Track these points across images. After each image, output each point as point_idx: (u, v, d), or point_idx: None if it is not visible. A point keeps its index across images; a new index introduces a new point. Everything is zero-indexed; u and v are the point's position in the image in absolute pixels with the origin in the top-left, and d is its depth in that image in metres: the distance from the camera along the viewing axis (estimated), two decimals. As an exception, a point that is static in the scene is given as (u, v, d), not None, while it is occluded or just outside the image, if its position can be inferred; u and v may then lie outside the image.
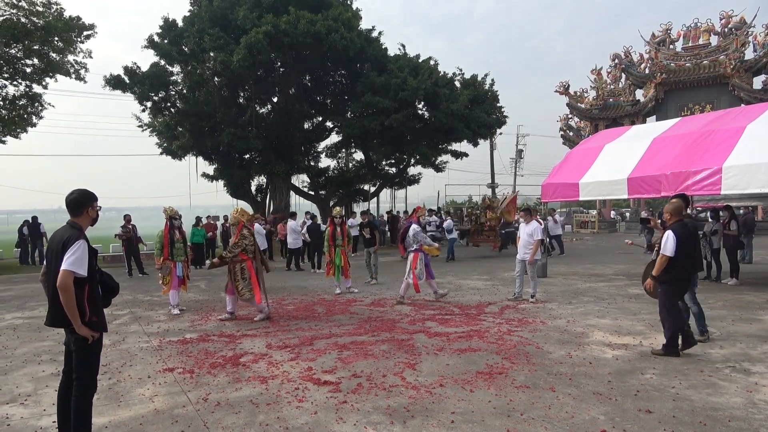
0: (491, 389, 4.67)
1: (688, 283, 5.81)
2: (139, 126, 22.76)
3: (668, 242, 5.59)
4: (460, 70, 24.25)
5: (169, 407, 4.41)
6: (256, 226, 15.23)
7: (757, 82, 31.39)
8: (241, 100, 23.02)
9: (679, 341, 5.64)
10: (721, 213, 11.36)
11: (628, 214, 38.75)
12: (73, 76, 18.21)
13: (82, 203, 3.48)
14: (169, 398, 4.62)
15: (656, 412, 4.10)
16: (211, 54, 19.55)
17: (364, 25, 22.19)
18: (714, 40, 32.26)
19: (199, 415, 4.23)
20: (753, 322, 7.26)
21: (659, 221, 7.76)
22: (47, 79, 18.02)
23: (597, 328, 6.94)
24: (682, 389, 4.61)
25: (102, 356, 5.04)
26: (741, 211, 14.94)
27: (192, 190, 23.72)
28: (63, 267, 3.21)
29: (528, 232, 9.14)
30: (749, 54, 31.11)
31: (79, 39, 17.80)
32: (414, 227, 9.36)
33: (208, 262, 7.10)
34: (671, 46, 33.43)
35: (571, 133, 36.86)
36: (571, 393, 4.55)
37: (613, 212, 37.95)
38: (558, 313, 8.05)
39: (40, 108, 18.31)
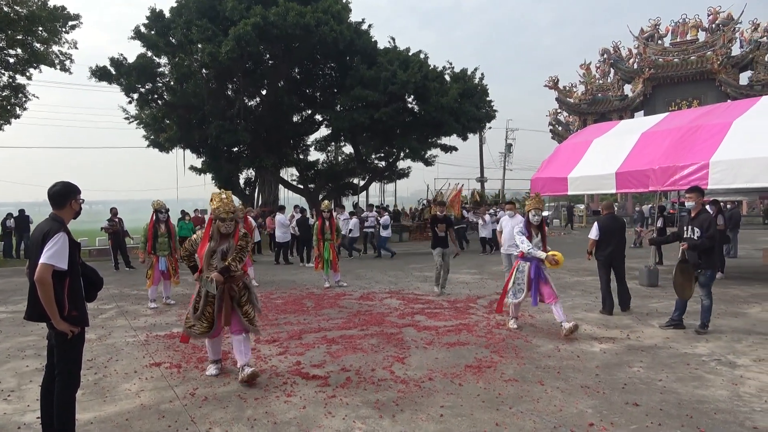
0: (480, 383, 4.68)
1: (610, 261, 7.55)
2: (125, 118, 22.50)
3: (593, 229, 7.71)
4: (450, 63, 24.17)
5: (155, 402, 4.36)
6: (279, 216, 15.06)
7: (744, 78, 31.74)
8: (229, 93, 22.78)
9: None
10: (707, 207, 11.46)
11: (616, 208, 39.11)
12: (58, 66, 17.92)
13: (65, 195, 3.43)
14: (155, 393, 4.57)
15: (643, 405, 4.13)
16: (199, 45, 19.30)
17: (353, 17, 22.05)
18: (702, 36, 32.56)
19: (186, 409, 4.19)
20: (738, 315, 7.35)
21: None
22: (31, 70, 17.72)
23: (585, 322, 6.98)
24: (669, 382, 4.65)
25: (88, 351, 4.98)
26: (728, 206, 15.06)
27: (179, 183, 23.53)
28: (41, 260, 3.14)
29: (513, 225, 9.15)
30: (736, 50, 31.45)
31: (63, 29, 17.50)
32: (517, 224, 7.04)
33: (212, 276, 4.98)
34: (659, 42, 33.67)
35: (560, 128, 37.08)
36: (560, 386, 4.57)
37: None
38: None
39: (24, 99, 18.02)
